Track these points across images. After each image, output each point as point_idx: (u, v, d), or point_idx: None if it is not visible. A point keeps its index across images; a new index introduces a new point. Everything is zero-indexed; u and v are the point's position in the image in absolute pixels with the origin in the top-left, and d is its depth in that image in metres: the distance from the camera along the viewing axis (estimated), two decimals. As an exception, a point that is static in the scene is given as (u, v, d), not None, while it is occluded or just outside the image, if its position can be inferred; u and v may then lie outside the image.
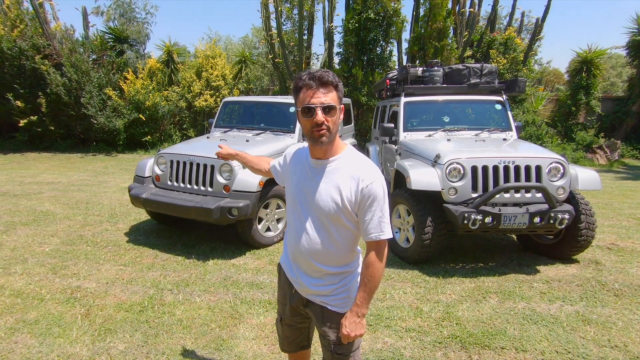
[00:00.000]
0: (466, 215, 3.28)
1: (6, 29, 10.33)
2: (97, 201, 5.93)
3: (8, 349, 2.44)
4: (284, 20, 11.84)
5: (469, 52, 11.85)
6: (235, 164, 3.87)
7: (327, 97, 1.30)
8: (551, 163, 3.48)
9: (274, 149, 4.42)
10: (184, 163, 4.08)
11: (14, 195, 6.20)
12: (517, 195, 3.46)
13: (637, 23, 11.83)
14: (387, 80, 5.80)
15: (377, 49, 10.85)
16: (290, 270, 1.55)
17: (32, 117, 10.52)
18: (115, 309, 2.90)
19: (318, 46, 22.88)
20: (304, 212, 1.44)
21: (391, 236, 1.41)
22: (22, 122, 10.50)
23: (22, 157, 10.14)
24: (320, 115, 1.28)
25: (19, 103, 10.38)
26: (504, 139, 4.50)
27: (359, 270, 1.52)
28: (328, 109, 1.30)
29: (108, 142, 11.21)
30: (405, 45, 11.62)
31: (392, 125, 4.78)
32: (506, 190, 3.39)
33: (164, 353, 2.41)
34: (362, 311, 1.41)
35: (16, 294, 3.11)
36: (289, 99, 5.53)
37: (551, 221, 3.33)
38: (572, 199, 3.65)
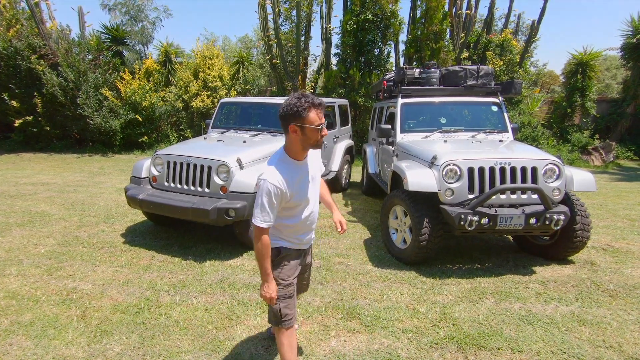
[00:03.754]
0: (463, 216, 3.29)
1: (2, 28, 10.27)
2: (93, 202, 5.90)
3: (3, 351, 2.42)
4: (282, 21, 11.86)
5: (465, 54, 11.91)
6: (232, 164, 3.86)
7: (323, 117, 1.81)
8: (547, 164, 3.50)
9: (271, 150, 4.42)
10: (181, 164, 4.07)
11: (9, 195, 6.16)
12: (513, 196, 3.47)
13: (632, 25, 11.94)
14: (384, 82, 5.81)
15: (375, 50, 10.88)
16: (305, 241, 2.03)
17: (27, 118, 10.46)
18: (111, 311, 2.88)
19: (316, 47, 22.93)
20: (312, 197, 1.96)
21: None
22: (17, 122, 10.43)
23: (17, 158, 10.08)
24: (325, 130, 1.79)
25: (14, 103, 10.32)
26: (500, 141, 4.53)
27: None
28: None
29: (104, 142, 11.15)
30: (402, 46, 11.67)
31: (389, 126, 4.79)
32: (502, 192, 3.40)
33: (160, 355, 2.41)
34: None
35: (11, 295, 3.09)
36: (287, 100, 5.53)
37: (547, 222, 3.34)
38: (567, 200, 3.68)
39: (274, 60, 11.50)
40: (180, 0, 43.97)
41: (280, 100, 5.65)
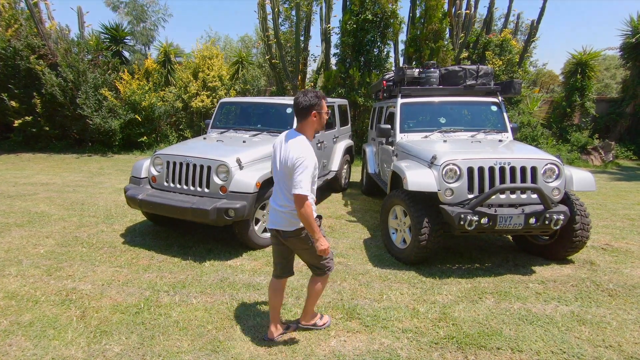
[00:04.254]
0: (462, 216, 3.29)
1: (0, 28, 10.25)
2: (92, 202, 5.89)
3: (2, 351, 2.42)
4: (282, 21, 11.85)
5: (465, 54, 11.90)
6: (231, 164, 3.86)
7: None
8: (546, 164, 3.50)
9: (270, 150, 4.41)
10: (181, 164, 4.06)
11: (8, 196, 6.15)
12: (513, 196, 3.47)
13: (631, 25, 11.94)
14: (384, 82, 5.81)
15: (375, 50, 10.88)
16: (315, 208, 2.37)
17: (26, 118, 10.44)
18: (111, 311, 2.88)
19: (315, 47, 22.94)
20: None
21: None
22: (16, 123, 10.41)
23: (16, 158, 10.06)
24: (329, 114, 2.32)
25: (13, 103, 10.30)
26: (500, 140, 4.53)
27: None
28: None
29: (104, 142, 11.14)
30: (401, 46, 11.66)
31: (389, 126, 4.79)
32: (502, 191, 3.40)
33: (160, 355, 2.40)
34: None
35: (10, 296, 3.08)
36: (286, 100, 5.53)
37: (546, 222, 3.34)
38: (567, 199, 3.68)
39: (273, 60, 11.49)
40: (183, 0, 44.00)
41: (280, 100, 5.64)
